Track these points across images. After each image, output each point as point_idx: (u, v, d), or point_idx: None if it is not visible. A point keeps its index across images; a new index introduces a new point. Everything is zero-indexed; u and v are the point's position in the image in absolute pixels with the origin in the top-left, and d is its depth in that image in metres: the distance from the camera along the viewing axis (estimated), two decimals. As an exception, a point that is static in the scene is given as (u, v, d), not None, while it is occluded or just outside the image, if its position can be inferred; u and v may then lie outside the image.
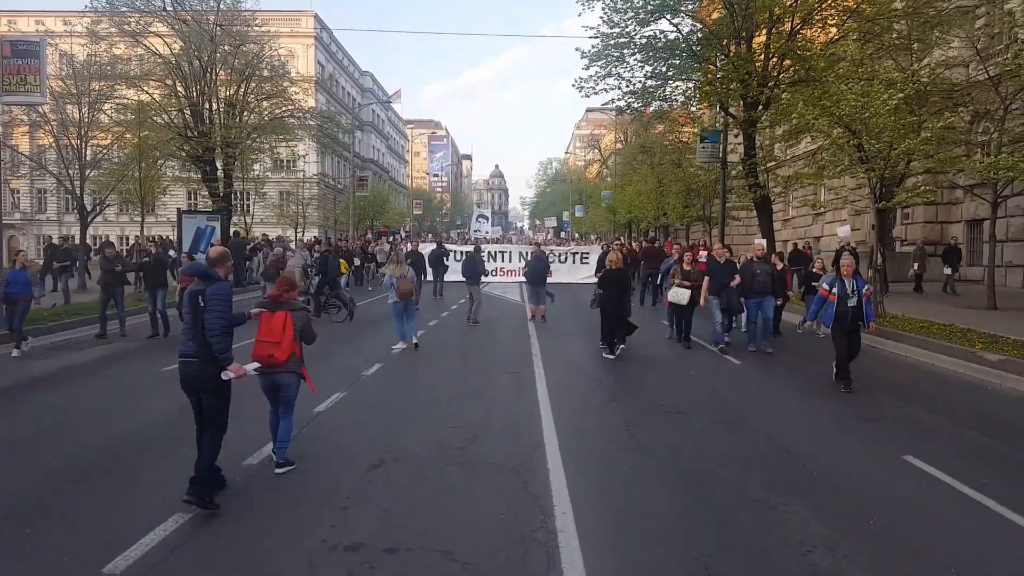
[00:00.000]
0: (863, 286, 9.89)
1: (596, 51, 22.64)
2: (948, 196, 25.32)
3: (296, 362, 6.43)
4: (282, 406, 6.53)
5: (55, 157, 26.12)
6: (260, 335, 6.31)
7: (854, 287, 9.79)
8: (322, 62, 63.85)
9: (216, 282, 5.82)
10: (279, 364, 6.28)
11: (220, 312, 5.68)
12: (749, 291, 13.14)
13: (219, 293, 5.74)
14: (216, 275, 5.90)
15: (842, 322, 9.73)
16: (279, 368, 6.32)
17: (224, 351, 5.66)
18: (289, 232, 42.95)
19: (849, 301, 9.68)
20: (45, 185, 53.29)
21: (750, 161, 22.56)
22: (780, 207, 34.12)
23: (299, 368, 6.49)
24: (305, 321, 6.57)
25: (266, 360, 6.24)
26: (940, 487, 6.17)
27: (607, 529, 5.25)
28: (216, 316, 5.65)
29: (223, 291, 5.80)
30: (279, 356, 6.23)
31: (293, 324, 6.34)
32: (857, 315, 9.77)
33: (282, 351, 6.24)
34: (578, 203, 73.00)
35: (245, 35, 28.04)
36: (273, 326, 6.29)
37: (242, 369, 5.80)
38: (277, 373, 6.37)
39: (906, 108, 16.12)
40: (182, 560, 4.68)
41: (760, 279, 13.16)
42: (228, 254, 6.27)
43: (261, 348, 6.26)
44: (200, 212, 30.25)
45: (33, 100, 18.71)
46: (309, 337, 6.63)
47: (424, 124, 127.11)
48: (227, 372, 5.67)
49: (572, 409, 8.88)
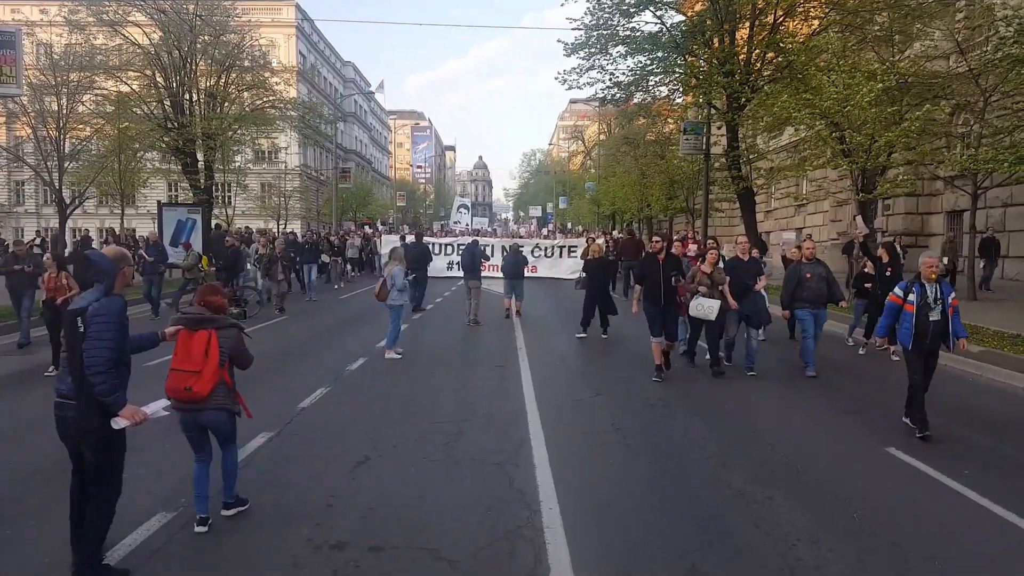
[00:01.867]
0: (949, 293, 7.70)
1: (579, 42, 22.57)
2: (929, 188, 25.51)
3: (225, 394, 5.10)
4: (219, 443, 5.28)
5: (33, 149, 25.76)
6: (176, 362, 4.99)
7: (938, 295, 7.57)
8: (304, 52, 63.29)
9: (104, 297, 4.32)
10: (200, 399, 4.94)
11: (106, 341, 4.20)
12: (799, 300, 10.77)
13: (104, 313, 4.24)
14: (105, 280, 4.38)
15: (922, 341, 7.54)
16: (201, 404, 4.99)
17: (109, 392, 4.22)
18: (272, 225, 42.65)
19: (931, 313, 7.49)
20: (23, 176, 52.55)
21: (733, 153, 22.62)
22: (763, 199, 34.26)
23: (230, 402, 5.17)
24: (236, 341, 5.21)
25: (183, 395, 4.91)
26: (923, 479, 6.23)
27: (593, 524, 5.26)
28: (99, 346, 4.18)
29: (111, 310, 4.27)
30: (199, 389, 4.90)
31: (219, 346, 5.03)
32: (941, 332, 7.59)
33: (204, 382, 4.92)
34: (562, 195, 73.02)
35: (225, 25, 27.68)
36: (192, 349, 4.97)
37: (140, 413, 4.36)
38: (199, 411, 5.02)
39: (887, 100, 16.23)
40: (165, 560, 4.64)
41: (812, 285, 10.71)
42: (126, 257, 4.66)
43: (176, 379, 4.94)
44: (181, 205, 29.93)
45: (9, 91, 18.37)
46: (242, 361, 5.30)
47: (407, 115, 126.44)
48: (118, 420, 4.31)
49: (557, 404, 8.88)
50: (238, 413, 5.25)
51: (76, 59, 25.15)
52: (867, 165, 17.19)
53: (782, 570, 4.55)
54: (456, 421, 7.98)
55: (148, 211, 41.44)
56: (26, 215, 58.28)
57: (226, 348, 5.10)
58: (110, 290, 4.37)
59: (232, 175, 33.97)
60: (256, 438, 7.11)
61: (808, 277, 10.72)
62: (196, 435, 5.15)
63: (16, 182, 57.17)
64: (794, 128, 21.31)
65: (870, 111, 15.55)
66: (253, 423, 7.49)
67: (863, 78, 15.90)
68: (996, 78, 16.44)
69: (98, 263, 4.38)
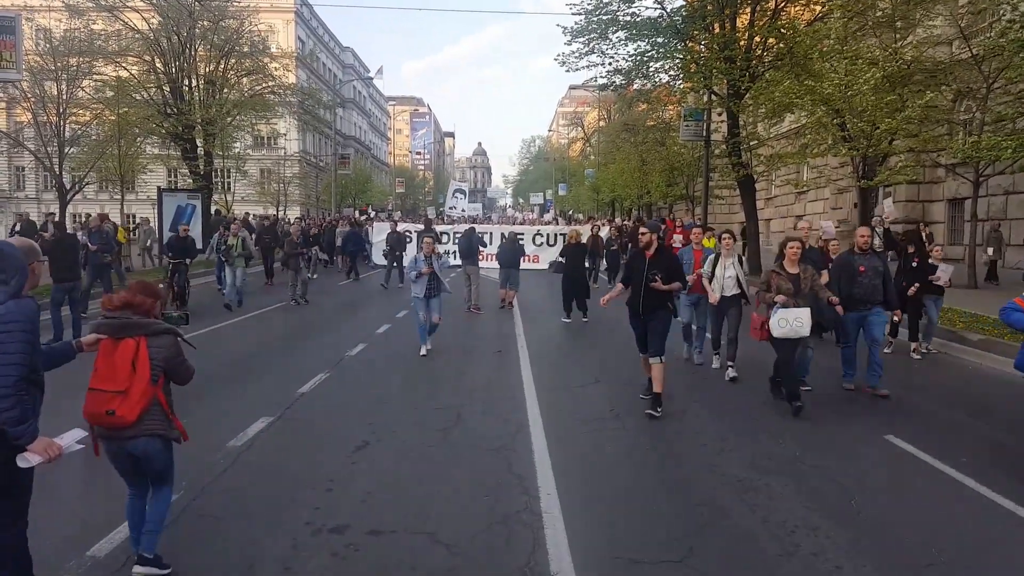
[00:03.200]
0: None
1: (579, 27, 22.46)
2: (930, 175, 25.44)
3: (160, 418, 4.10)
4: (151, 481, 4.28)
5: (33, 134, 25.73)
6: (95, 379, 3.96)
7: None
8: (302, 38, 62.98)
9: (10, 299, 3.39)
10: (126, 425, 3.93)
11: (14, 355, 3.31)
12: (848, 299, 8.49)
13: (13, 320, 3.34)
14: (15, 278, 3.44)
15: None
16: (128, 432, 3.98)
17: (18, 421, 3.30)
18: (271, 210, 42.59)
19: None
20: (23, 162, 52.43)
21: (734, 140, 22.55)
22: (763, 185, 34.18)
23: (166, 427, 4.15)
24: (172, 351, 4.16)
25: (105, 421, 3.93)
26: (920, 466, 6.24)
27: (592, 510, 5.28)
28: (5, 362, 3.28)
29: (22, 315, 3.38)
30: (125, 413, 3.89)
31: (150, 359, 4.01)
32: None
33: (131, 404, 3.90)
34: (561, 182, 72.87)
35: (224, 10, 27.62)
36: (116, 363, 3.93)
37: (55, 447, 3.44)
38: (126, 440, 4.01)
39: (888, 86, 16.15)
40: (165, 543, 4.64)
41: (866, 281, 8.64)
42: (36, 250, 3.82)
43: (96, 401, 3.92)
44: (181, 190, 29.87)
45: (8, 76, 18.32)
46: (181, 375, 4.26)
47: (406, 101, 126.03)
48: (27, 457, 3.37)
49: (556, 390, 8.90)
50: (176, 440, 4.25)
51: (75, 44, 25.06)
52: (868, 152, 17.13)
53: (780, 556, 4.57)
54: (455, 406, 7.99)
55: (148, 196, 41.30)
56: (26, 200, 58.16)
57: (159, 360, 4.07)
58: (19, 290, 3.45)
59: (231, 161, 33.92)
60: (256, 423, 7.13)
61: (862, 271, 8.66)
62: (128, 467, 4.20)
63: (17, 167, 57.04)
64: (794, 115, 21.23)
65: (871, 98, 15.48)
66: (253, 408, 7.59)
67: (865, 65, 15.82)
68: (1000, 63, 16.35)
69: (10, 255, 3.48)
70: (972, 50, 17.08)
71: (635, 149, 38.07)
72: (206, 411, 7.74)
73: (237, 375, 9.59)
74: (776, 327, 7.74)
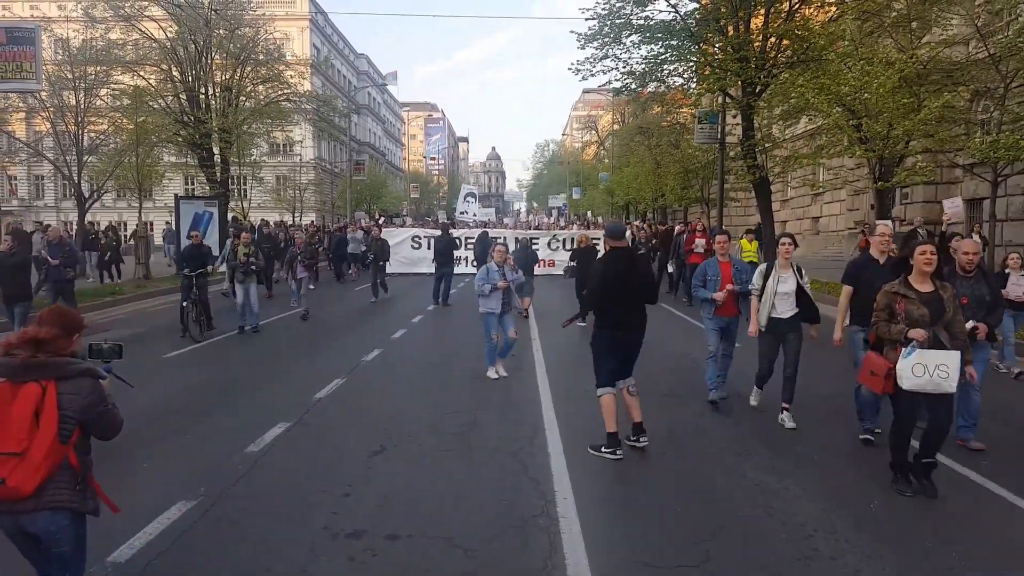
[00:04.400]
0: None
1: (592, 32, 22.47)
2: (947, 175, 25.22)
3: (68, 486, 3.17)
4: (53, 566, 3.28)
5: (52, 143, 26.05)
6: None
7: None
8: (317, 45, 63.38)
9: None
10: (23, 497, 3.03)
11: None
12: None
13: None
14: None
15: None
16: (25, 505, 3.06)
17: None
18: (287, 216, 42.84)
19: None
20: (42, 171, 53.07)
21: (749, 142, 22.46)
22: (779, 187, 33.98)
23: (76, 498, 3.21)
24: (92, 399, 3.23)
25: None
26: (941, 470, 6.14)
27: (608, 514, 5.28)
28: None
29: None
30: (20, 482, 2.99)
31: (60, 410, 3.10)
32: None
33: (28, 471, 3.00)
34: (575, 185, 72.74)
35: (240, 18, 27.83)
36: (13, 416, 3.03)
37: None
38: (22, 514, 3.09)
39: (905, 87, 16.04)
40: (185, 548, 4.70)
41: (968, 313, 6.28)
42: None
43: None
44: (198, 198, 30.14)
45: (28, 87, 18.63)
46: (104, 429, 3.32)
47: (420, 107, 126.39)
48: None
49: (572, 393, 8.88)
50: (93, 512, 3.32)
51: (93, 54, 25.36)
52: (885, 153, 17.02)
53: (798, 559, 4.55)
54: (471, 410, 8.01)
55: (165, 204, 41.70)
56: (46, 209, 58.88)
57: (73, 411, 3.14)
58: None
59: (248, 168, 34.16)
60: (274, 428, 7.18)
61: (964, 303, 6.15)
62: (26, 546, 3.26)
63: (36, 176, 57.76)
64: (808, 117, 21.13)
65: (887, 100, 15.39)
66: (270, 414, 7.64)
67: (880, 66, 15.73)
68: (1017, 62, 16.20)
69: None
70: (989, 49, 16.94)
71: (649, 152, 37.98)
72: (224, 417, 7.84)
73: (255, 381, 9.67)
74: (909, 376, 5.31)
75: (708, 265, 8.51)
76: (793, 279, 7.48)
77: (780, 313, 7.43)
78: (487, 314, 9.77)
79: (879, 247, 7.31)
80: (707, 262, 8.63)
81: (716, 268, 8.35)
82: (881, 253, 7.24)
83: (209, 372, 10.38)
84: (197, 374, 10.25)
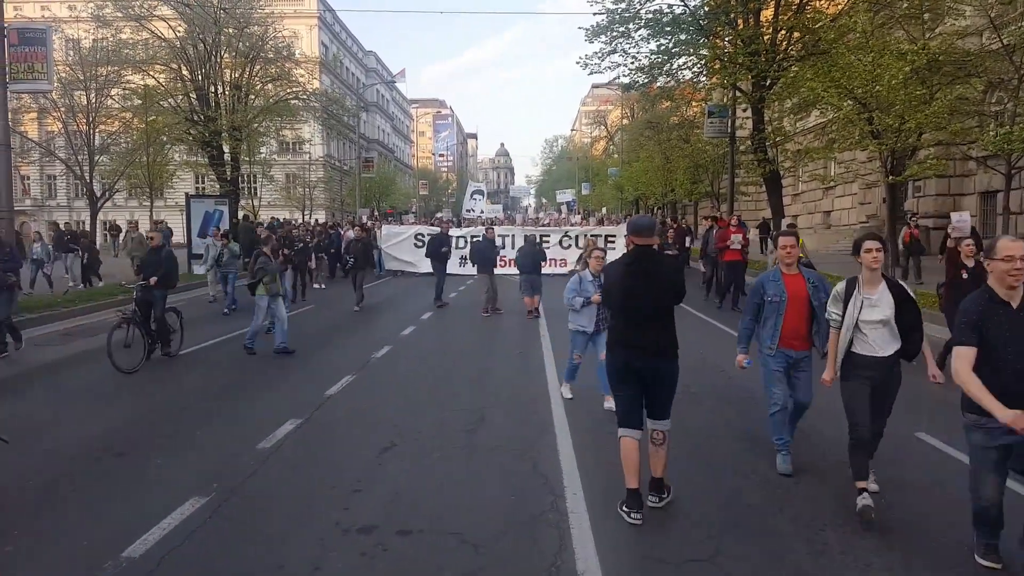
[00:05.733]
0: None
1: (601, 26, 22.41)
2: (961, 168, 25.04)
3: None
4: None
5: (64, 143, 26.23)
6: None
7: None
8: (326, 43, 63.52)
9: None
10: None
11: None
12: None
13: None
14: None
15: None
16: None
17: None
18: (296, 215, 42.96)
19: None
20: (55, 171, 53.42)
21: (759, 136, 22.37)
22: (790, 181, 33.84)
23: None
24: None
25: None
26: (952, 464, 6.14)
27: (618, 508, 5.27)
28: None
29: None
30: None
31: None
32: None
33: None
34: (584, 181, 72.61)
35: (249, 17, 27.94)
36: None
37: None
38: None
39: (917, 80, 15.91)
40: (198, 543, 4.73)
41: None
42: None
43: None
44: (208, 196, 30.28)
45: (40, 87, 18.76)
46: None
47: (429, 103, 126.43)
48: None
49: (581, 389, 8.86)
50: None
51: (104, 54, 25.51)
52: (897, 146, 16.89)
53: (809, 554, 4.54)
54: (480, 408, 8.02)
55: (176, 203, 41.86)
56: (58, 208, 59.29)
57: None
58: None
59: (258, 167, 34.32)
60: (284, 425, 7.22)
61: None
62: None
63: (48, 176, 58.17)
64: (820, 111, 21.00)
65: (899, 93, 15.27)
66: (281, 411, 7.68)
67: (892, 58, 15.60)
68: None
69: None
70: (1003, 40, 16.78)
71: (659, 147, 37.86)
72: (235, 413, 7.88)
73: (265, 378, 9.71)
74: None
75: (766, 282, 6.00)
76: (888, 300, 5.11)
77: (873, 350, 5.13)
78: (576, 332, 8.23)
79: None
80: (763, 276, 6.16)
81: (780, 285, 5.93)
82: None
83: (219, 370, 10.42)
84: (207, 373, 10.31)
